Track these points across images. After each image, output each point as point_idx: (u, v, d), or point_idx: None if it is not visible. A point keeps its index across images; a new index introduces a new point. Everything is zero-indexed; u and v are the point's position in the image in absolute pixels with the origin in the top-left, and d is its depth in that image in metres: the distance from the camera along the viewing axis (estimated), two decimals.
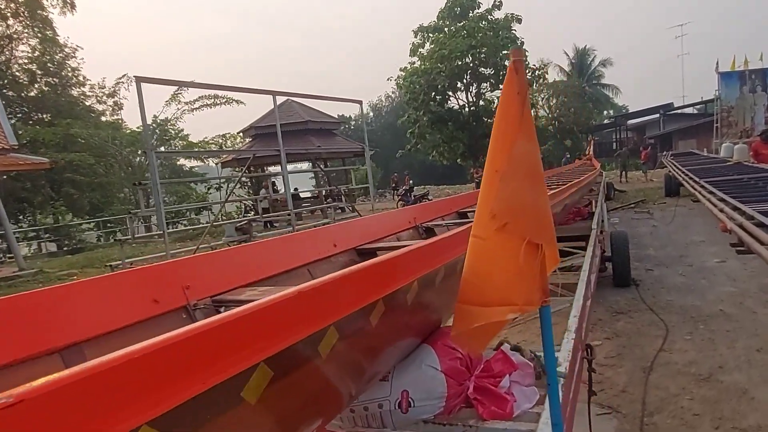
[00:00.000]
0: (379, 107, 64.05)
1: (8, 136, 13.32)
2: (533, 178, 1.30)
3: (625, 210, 15.03)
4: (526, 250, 1.23)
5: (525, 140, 1.28)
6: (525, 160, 1.27)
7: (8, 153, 13.15)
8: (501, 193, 1.24)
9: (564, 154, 29.73)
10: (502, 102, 1.31)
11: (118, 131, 29.34)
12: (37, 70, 29.85)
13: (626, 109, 51.54)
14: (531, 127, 1.32)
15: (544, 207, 1.33)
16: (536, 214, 1.29)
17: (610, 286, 7.00)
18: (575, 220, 6.79)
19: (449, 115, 29.36)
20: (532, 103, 31.76)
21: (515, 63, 1.31)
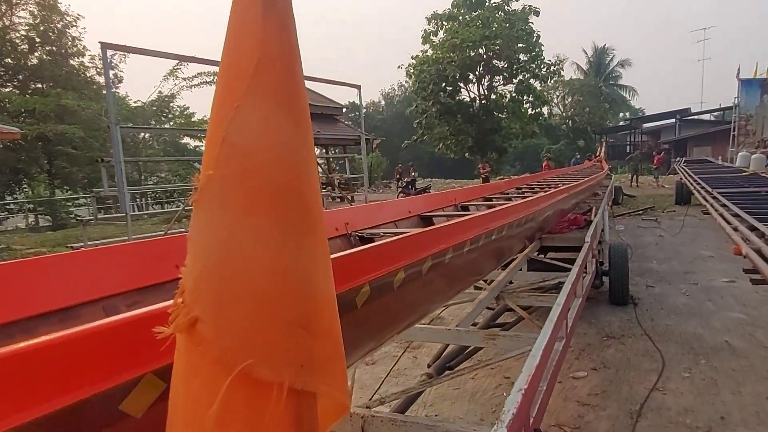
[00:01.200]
0: (391, 96, 63.20)
1: None
2: (286, 201, 0.62)
3: (632, 217, 14.27)
4: (254, 397, 0.55)
5: (261, 109, 0.60)
6: (260, 155, 0.61)
7: None
8: (196, 237, 0.58)
9: (574, 154, 28.81)
10: (232, 26, 0.62)
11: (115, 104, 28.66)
12: (36, 37, 29.24)
13: (642, 112, 50.40)
14: (291, 87, 0.65)
15: (323, 284, 0.65)
16: (289, 301, 0.61)
17: (605, 303, 6.32)
18: (570, 229, 6.10)
19: (458, 107, 28.53)
20: (546, 100, 30.96)
21: None
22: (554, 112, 46.20)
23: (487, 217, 2.79)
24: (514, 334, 2.84)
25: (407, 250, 1.68)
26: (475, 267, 2.83)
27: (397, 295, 1.61)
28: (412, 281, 1.71)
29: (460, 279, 2.66)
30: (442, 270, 2.05)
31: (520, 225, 3.44)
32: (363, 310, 1.39)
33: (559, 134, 44.31)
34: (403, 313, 1.93)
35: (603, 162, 16.87)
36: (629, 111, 50.57)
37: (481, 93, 29.01)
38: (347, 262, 1.29)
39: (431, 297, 2.31)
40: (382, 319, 1.74)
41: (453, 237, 2.13)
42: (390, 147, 47.07)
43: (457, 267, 2.32)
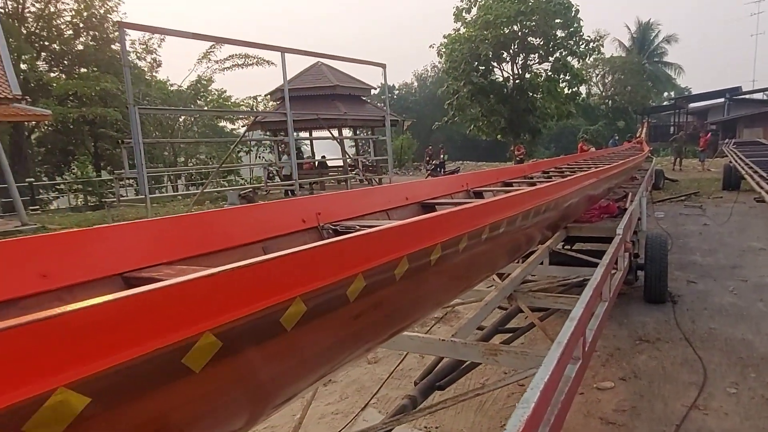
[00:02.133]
0: (424, 77, 62.02)
1: (12, 86, 12.74)
2: None
3: (674, 203, 13.34)
4: None
5: None
6: None
7: (11, 103, 12.59)
8: None
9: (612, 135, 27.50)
10: None
11: (150, 88, 28.92)
12: (79, 23, 29.79)
13: (688, 91, 47.97)
14: None
15: None
16: None
17: (639, 301, 5.70)
18: (601, 218, 5.47)
19: (491, 87, 27.55)
20: (584, 79, 29.61)
21: None
22: (593, 91, 44.40)
23: (498, 205, 2.29)
24: (520, 350, 2.33)
25: (394, 242, 1.41)
26: (482, 262, 2.34)
27: (397, 289, 1.42)
28: (408, 278, 1.45)
29: (462, 277, 2.18)
30: (441, 266, 1.66)
31: (539, 214, 2.91)
32: (355, 305, 1.24)
33: (598, 114, 42.58)
34: (398, 314, 1.65)
35: (643, 143, 15.89)
36: (674, 90, 48.19)
37: (515, 72, 27.96)
38: (332, 252, 1.17)
39: (426, 298, 1.86)
40: (377, 318, 1.46)
41: (452, 228, 1.75)
42: (422, 129, 46.25)
43: (458, 263, 1.87)
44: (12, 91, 12.71)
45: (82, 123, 27.43)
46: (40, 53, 30.34)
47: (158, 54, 33.05)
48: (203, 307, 0.87)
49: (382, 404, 3.88)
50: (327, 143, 24.38)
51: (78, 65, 30.73)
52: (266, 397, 1.20)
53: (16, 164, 27.63)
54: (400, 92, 63.50)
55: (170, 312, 0.82)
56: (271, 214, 2.08)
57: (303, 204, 2.24)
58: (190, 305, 0.85)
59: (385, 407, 3.81)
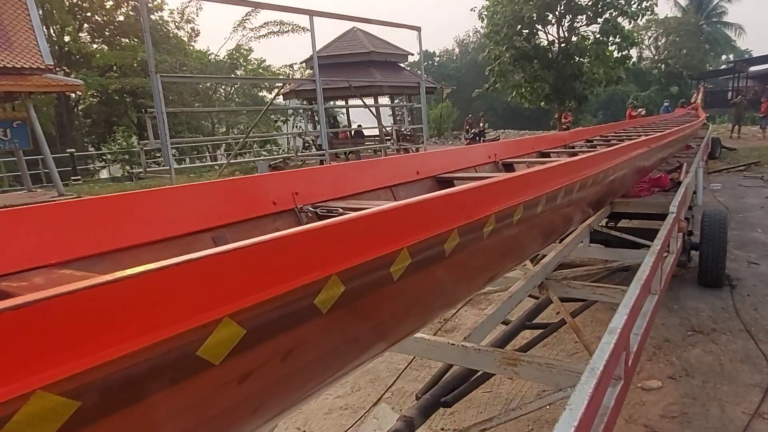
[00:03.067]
0: (466, 43, 60.22)
1: (44, 56, 12.73)
2: None
3: (732, 173, 12.34)
4: None
5: None
6: None
7: (44, 73, 12.59)
8: None
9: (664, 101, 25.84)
10: None
11: (188, 57, 28.94)
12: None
13: (749, 53, 44.70)
14: None
15: None
16: None
17: (692, 284, 5.13)
18: (652, 192, 4.88)
19: (535, 51, 26.19)
20: (635, 42, 27.82)
21: None
22: (644, 55, 42.02)
23: (530, 179, 1.90)
24: (544, 361, 1.89)
25: (389, 229, 1.12)
26: (510, 250, 1.95)
27: (398, 287, 1.14)
28: (414, 273, 1.17)
29: (483, 268, 1.79)
30: (455, 258, 1.34)
31: (580, 189, 2.45)
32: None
33: (650, 80, 40.28)
34: (410, 309, 1.39)
35: (699, 110, 14.75)
36: (733, 53, 45.00)
37: (561, 35, 26.46)
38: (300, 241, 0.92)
39: (437, 295, 1.52)
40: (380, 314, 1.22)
41: (472, 208, 1.42)
42: (463, 97, 45.01)
43: (478, 252, 1.54)
44: (44, 61, 12.70)
45: (123, 93, 27.85)
46: (83, 25, 30.78)
47: (196, 23, 33.22)
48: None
49: (397, 398, 3.53)
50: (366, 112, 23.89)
51: (119, 36, 31.11)
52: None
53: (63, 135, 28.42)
54: (440, 59, 62.00)
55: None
56: (237, 193, 1.71)
57: (278, 182, 1.84)
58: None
59: (399, 402, 3.46)
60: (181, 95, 28.53)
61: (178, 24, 33.07)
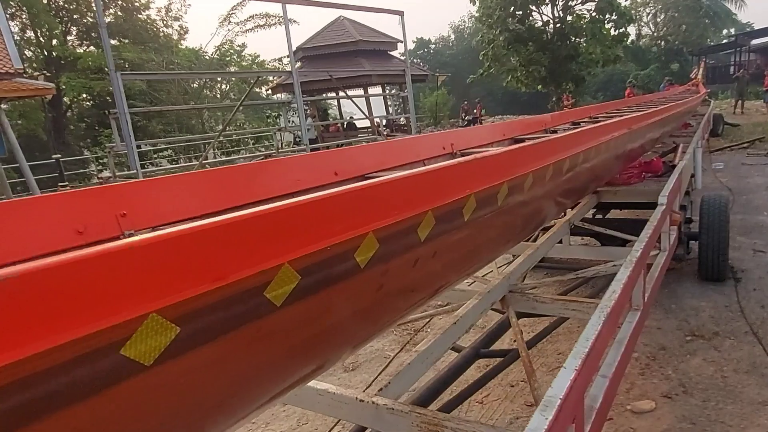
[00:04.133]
0: (461, 29, 59.35)
1: (13, 59, 12.27)
2: None
3: (735, 151, 11.75)
4: None
5: None
6: None
7: (13, 78, 12.12)
8: None
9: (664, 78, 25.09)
10: None
11: (175, 56, 28.41)
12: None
13: (751, 26, 43.69)
14: None
15: None
16: None
17: (692, 279, 4.62)
18: (643, 178, 4.37)
19: (529, 33, 25.55)
20: (632, 18, 27.05)
21: None
22: (643, 32, 41.13)
23: (482, 166, 1.53)
24: (473, 429, 1.40)
25: None
26: (465, 251, 1.58)
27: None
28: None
29: (439, 273, 1.49)
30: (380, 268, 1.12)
31: (554, 176, 1.99)
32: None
33: (649, 58, 39.37)
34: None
35: (699, 85, 14.14)
36: (735, 26, 43.94)
37: (556, 15, 25.80)
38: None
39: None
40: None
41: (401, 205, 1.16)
42: (460, 84, 44.34)
43: (421, 258, 1.26)
44: (14, 65, 12.24)
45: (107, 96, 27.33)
46: (70, 28, 30.31)
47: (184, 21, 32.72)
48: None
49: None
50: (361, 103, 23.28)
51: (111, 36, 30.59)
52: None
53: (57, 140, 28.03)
54: (436, 46, 61.21)
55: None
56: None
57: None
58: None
59: None
60: (170, 94, 28.03)
61: (166, 22, 32.64)
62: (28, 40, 29.72)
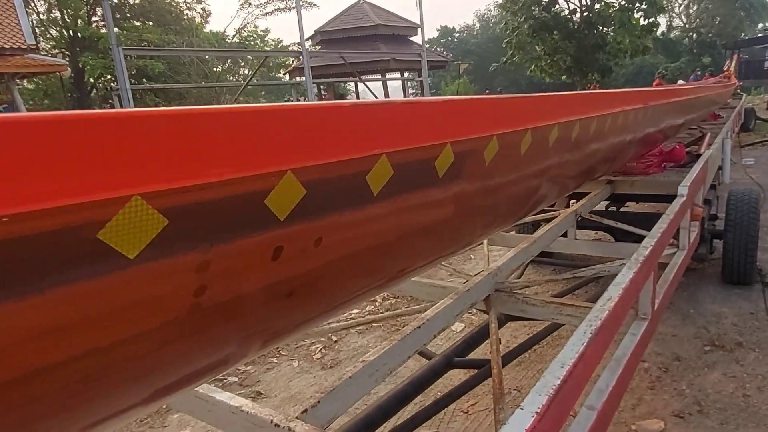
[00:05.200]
0: (487, 17, 58.36)
1: (26, 35, 12.17)
2: None
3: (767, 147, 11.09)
4: None
5: None
6: None
7: (25, 53, 12.02)
8: None
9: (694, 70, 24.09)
10: None
11: (196, 38, 28.33)
12: None
13: None
14: None
15: None
16: None
17: (714, 281, 4.19)
18: (663, 168, 3.93)
19: (555, 21, 24.78)
20: (663, 7, 26.01)
21: None
22: (675, 24, 39.81)
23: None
24: None
25: None
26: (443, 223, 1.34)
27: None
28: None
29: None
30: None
31: (549, 143, 1.67)
32: None
33: (680, 50, 38.14)
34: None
35: (731, 77, 13.44)
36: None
37: (583, 3, 24.97)
38: None
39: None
40: None
41: None
42: (484, 72, 43.63)
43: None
44: (26, 41, 12.15)
45: (142, 76, 27.34)
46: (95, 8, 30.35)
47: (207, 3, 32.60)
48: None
49: None
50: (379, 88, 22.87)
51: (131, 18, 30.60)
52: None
53: None
54: (460, 34, 60.35)
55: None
56: None
57: None
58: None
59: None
60: (189, 76, 28.01)
61: (189, 5, 32.59)
62: (54, 20, 29.91)
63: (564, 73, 26.05)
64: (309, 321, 1.07)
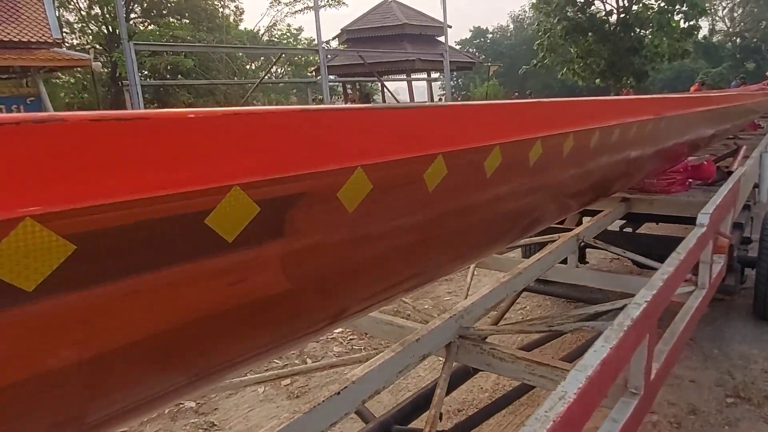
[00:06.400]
0: (521, 19, 57.35)
1: (52, 29, 12.21)
2: None
3: None
4: None
5: None
6: None
7: (51, 47, 12.06)
8: None
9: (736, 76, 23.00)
10: None
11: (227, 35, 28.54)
12: None
13: None
14: None
15: None
16: None
17: (745, 315, 3.69)
18: (688, 186, 3.45)
19: (590, 23, 24.03)
20: (704, 10, 24.90)
21: None
22: (717, 28, 38.27)
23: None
24: None
25: None
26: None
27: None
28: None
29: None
30: None
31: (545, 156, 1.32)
32: None
33: (722, 55, 36.63)
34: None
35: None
36: None
37: (620, 4, 24.12)
38: None
39: None
40: None
41: None
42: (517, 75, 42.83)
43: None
44: (53, 35, 12.19)
45: (177, 73, 27.65)
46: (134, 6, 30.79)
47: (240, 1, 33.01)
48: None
49: None
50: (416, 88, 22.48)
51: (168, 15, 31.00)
52: None
53: None
54: (494, 36, 59.49)
55: None
56: None
57: None
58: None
59: None
60: (220, 73, 28.26)
61: (223, 2, 32.86)
62: (95, 16, 30.44)
63: (597, 77, 25.23)
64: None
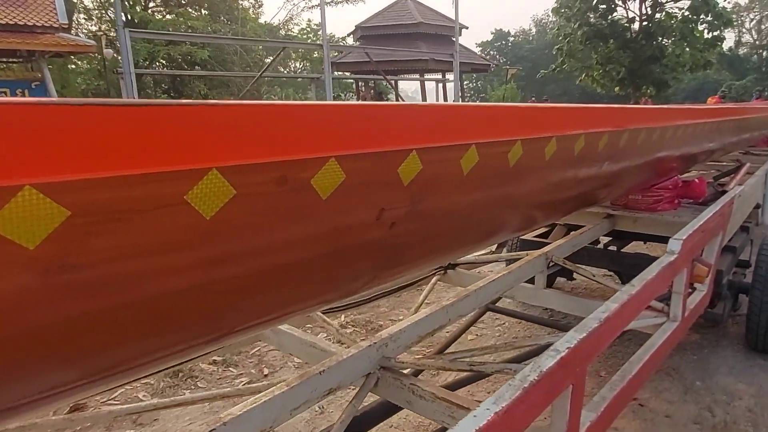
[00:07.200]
0: (544, 23, 56.74)
1: (59, 14, 12.19)
2: None
3: None
4: None
5: None
6: None
7: (56, 32, 12.05)
8: None
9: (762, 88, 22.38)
10: None
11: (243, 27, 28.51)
12: None
13: None
14: None
15: None
16: None
17: (735, 344, 3.44)
18: (677, 204, 3.21)
19: (611, 29, 23.58)
20: (730, 20, 24.28)
21: None
22: (744, 40, 37.41)
23: None
24: None
25: None
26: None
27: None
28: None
29: None
30: None
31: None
32: None
33: (747, 68, 35.80)
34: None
35: None
36: None
37: (643, 12, 23.63)
38: None
39: None
40: None
41: None
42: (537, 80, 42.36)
43: None
44: (59, 20, 12.18)
45: (194, 63, 27.71)
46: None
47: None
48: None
49: None
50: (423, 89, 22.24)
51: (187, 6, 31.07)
52: None
53: None
54: (515, 39, 58.94)
55: None
56: None
57: None
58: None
59: None
60: (234, 64, 28.26)
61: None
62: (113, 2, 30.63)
63: (616, 85, 24.79)
64: None
